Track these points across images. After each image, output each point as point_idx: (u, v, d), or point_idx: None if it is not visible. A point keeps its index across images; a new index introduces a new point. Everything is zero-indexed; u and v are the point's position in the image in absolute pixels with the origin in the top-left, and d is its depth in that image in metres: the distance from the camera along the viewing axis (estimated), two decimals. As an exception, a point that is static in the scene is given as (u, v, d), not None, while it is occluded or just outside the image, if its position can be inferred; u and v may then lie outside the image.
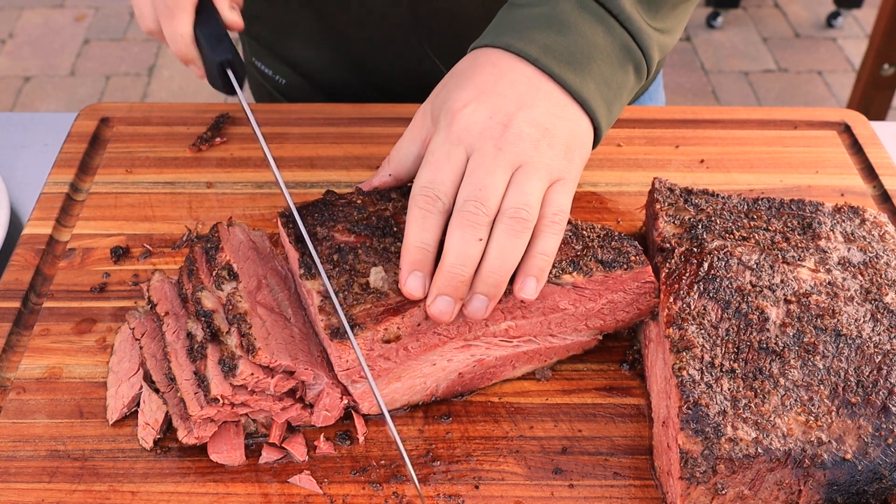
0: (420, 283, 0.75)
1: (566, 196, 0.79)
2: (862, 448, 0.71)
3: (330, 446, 0.81)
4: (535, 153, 0.77)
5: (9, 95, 3.27)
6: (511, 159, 0.76)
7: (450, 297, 0.74)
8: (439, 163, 0.77)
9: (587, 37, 0.81)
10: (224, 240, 0.85)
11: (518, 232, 0.74)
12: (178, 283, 0.85)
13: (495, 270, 0.74)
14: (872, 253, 0.85)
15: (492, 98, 0.78)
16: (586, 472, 0.80)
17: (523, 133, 0.77)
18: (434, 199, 0.75)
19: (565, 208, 0.78)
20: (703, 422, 0.71)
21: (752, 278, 0.82)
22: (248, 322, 0.77)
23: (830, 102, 3.33)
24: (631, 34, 0.83)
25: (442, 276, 0.74)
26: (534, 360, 0.86)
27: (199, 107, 1.18)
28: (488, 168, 0.75)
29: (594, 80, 0.81)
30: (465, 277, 0.74)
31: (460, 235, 0.74)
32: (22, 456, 0.80)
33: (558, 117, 0.79)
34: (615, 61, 0.83)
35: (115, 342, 0.87)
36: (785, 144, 1.14)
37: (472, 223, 0.74)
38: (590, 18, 0.82)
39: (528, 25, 0.81)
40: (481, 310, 0.76)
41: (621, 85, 0.84)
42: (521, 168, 0.76)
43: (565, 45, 0.80)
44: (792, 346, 0.77)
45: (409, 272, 0.75)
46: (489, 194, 0.74)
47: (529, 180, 0.76)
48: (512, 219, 0.74)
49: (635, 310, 0.86)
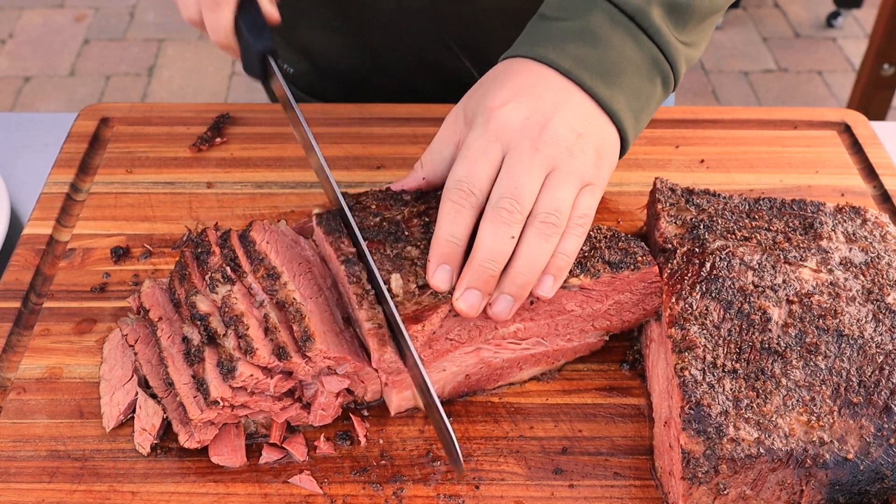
0: (447, 276, 0.76)
1: (593, 201, 0.80)
2: (864, 448, 0.71)
3: (330, 446, 0.81)
4: (569, 158, 0.78)
5: (9, 95, 3.27)
6: (546, 161, 0.77)
7: (479, 292, 0.75)
8: (475, 158, 0.78)
9: (618, 50, 0.83)
10: (228, 240, 0.85)
11: (548, 236, 0.76)
12: (170, 288, 0.85)
13: (524, 272, 0.75)
14: (874, 253, 0.85)
15: (530, 99, 0.80)
16: (586, 473, 0.79)
17: (559, 135, 0.78)
18: (468, 194, 0.76)
19: (590, 212, 0.80)
20: (705, 422, 0.71)
21: (754, 278, 0.82)
22: (245, 323, 0.77)
23: (830, 102, 3.33)
24: (660, 47, 0.85)
25: (472, 269, 0.75)
26: (541, 362, 0.86)
27: (199, 107, 1.18)
28: (525, 166, 0.76)
29: (623, 92, 0.83)
30: (494, 273, 0.75)
31: (493, 231, 0.75)
32: (22, 456, 0.80)
33: (590, 125, 0.81)
34: (644, 74, 0.85)
35: (105, 350, 0.86)
36: (785, 144, 1.14)
37: (505, 220, 0.75)
38: (621, 32, 0.83)
39: (561, 38, 0.83)
40: (506, 310, 0.77)
41: (649, 96, 0.86)
42: (554, 171, 0.78)
43: (597, 58, 0.82)
44: (794, 346, 0.77)
45: (438, 265, 0.76)
46: (524, 192, 0.76)
47: (562, 186, 0.77)
48: (544, 223, 0.76)
49: (641, 310, 0.86)
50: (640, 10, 0.84)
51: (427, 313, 0.76)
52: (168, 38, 3.58)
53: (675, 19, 0.86)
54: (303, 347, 0.76)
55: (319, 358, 0.77)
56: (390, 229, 0.82)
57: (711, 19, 0.91)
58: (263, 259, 0.82)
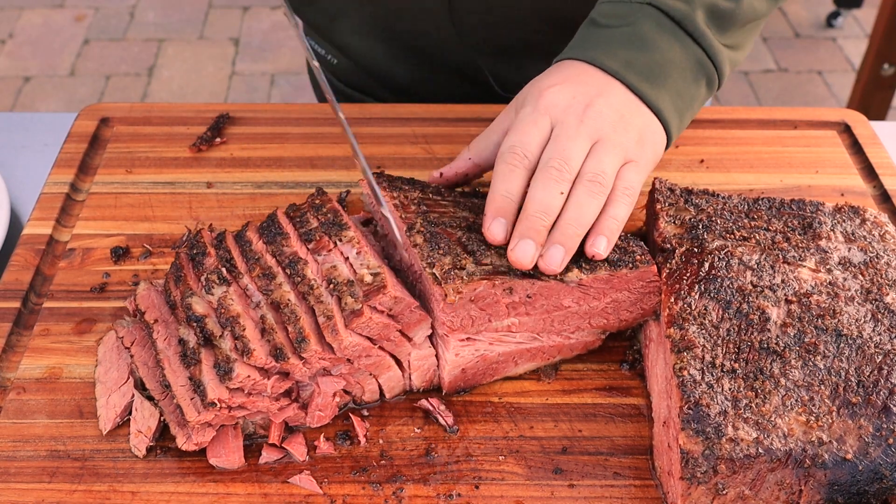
0: (502, 227, 0.81)
1: (638, 176, 0.86)
2: (863, 448, 0.71)
3: (330, 446, 0.81)
4: (613, 132, 0.85)
5: (9, 95, 3.27)
6: (591, 132, 0.84)
7: (532, 241, 0.79)
8: (526, 127, 0.85)
9: (665, 53, 0.89)
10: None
11: (595, 193, 0.81)
12: (165, 290, 0.85)
13: (573, 222, 0.80)
14: (873, 253, 0.85)
15: (575, 84, 0.87)
16: (586, 472, 0.79)
17: (603, 112, 0.85)
18: (521, 157, 0.83)
19: (635, 185, 0.85)
20: (703, 422, 0.71)
21: (752, 278, 0.82)
22: (241, 324, 0.77)
23: (830, 102, 3.32)
24: (704, 50, 0.91)
25: (524, 221, 0.80)
26: (537, 357, 0.86)
27: (199, 107, 1.18)
28: (570, 135, 0.83)
29: (668, 91, 0.89)
30: (545, 223, 0.80)
31: (543, 186, 0.81)
32: (22, 456, 0.80)
33: (632, 112, 0.87)
34: (689, 75, 0.91)
35: (100, 352, 0.86)
36: (785, 144, 1.14)
37: (554, 178, 0.81)
38: (667, 36, 0.90)
39: (610, 42, 0.90)
40: (557, 260, 0.80)
41: (694, 97, 0.92)
42: (599, 142, 0.84)
43: (644, 61, 0.89)
44: (793, 346, 0.77)
45: (493, 218, 0.81)
46: (571, 155, 0.82)
47: (607, 153, 0.83)
48: (591, 181, 0.82)
49: (639, 309, 0.86)
50: (686, 16, 0.90)
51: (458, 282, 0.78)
52: (168, 38, 3.58)
53: (718, 24, 0.92)
54: (298, 349, 0.76)
55: (315, 359, 0.77)
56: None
57: (754, 23, 0.96)
58: (259, 259, 0.82)
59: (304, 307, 0.79)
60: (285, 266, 0.82)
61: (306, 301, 0.79)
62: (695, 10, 0.90)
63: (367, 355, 0.79)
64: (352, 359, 0.79)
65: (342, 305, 0.77)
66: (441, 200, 0.89)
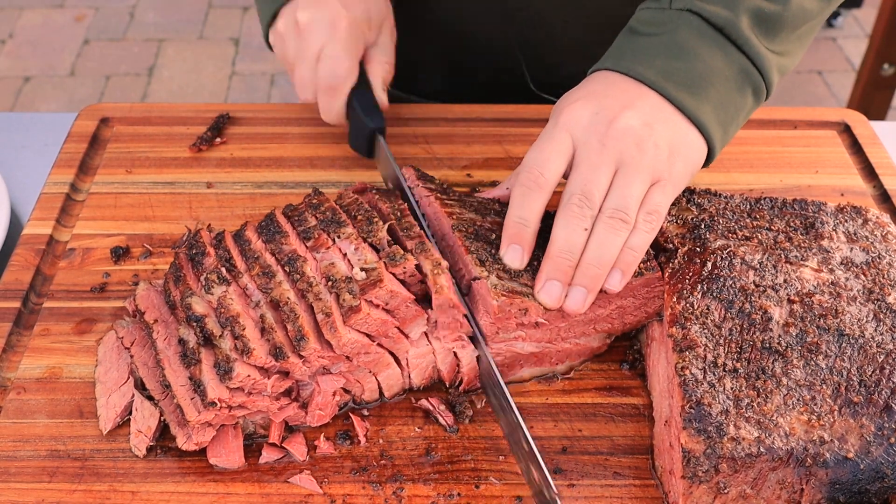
0: (518, 255, 0.81)
1: (664, 197, 0.81)
2: (864, 447, 0.71)
3: (330, 446, 0.81)
4: (638, 153, 0.80)
5: (9, 95, 3.27)
6: (614, 156, 0.80)
7: (559, 283, 0.79)
8: (543, 145, 0.82)
9: (706, 62, 0.84)
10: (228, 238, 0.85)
11: (617, 231, 0.79)
12: (165, 290, 0.85)
13: (594, 263, 0.79)
14: (875, 253, 0.85)
15: (598, 99, 0.83)
16: (586, 472, 0.79)
17: (628, 128, 0.80)
18: (537, 176, 0.80)
19: (661, 209, 0.81)
20: (705, 421, 0.71)
21: (755, 278, 0.82)
22: (241, 324, 0.77)
23: (830, 102, 3.32)
24: (749, 58, 0.85)
25: (550, 261, 0.79)
26: (543, 362, 0.86)
27: (199, 107, 1.18)
28: (593, 164, 0.80)
29: (711, 102, 0.84)
30: (571, 263, 0.79)
31: (565, 225, 0.79)
32: (22, 456, 0.80)
33: (663, 122, 0.82)
34: (733, 85, 0.85)
35: (100, 353, 0.86)
36: (785, 144, 1.14)
37: (577, 216, 0.79)
38: (709, 44, 0.84)
39: (648, 51, 0.85)
40: (580, 302, 0.79)
41: (739, 107, 0.87)
42: (622, 168, 0.80)
43: (684, 70, 0.84)
44: (795, 345, 0.77)
45: (508, 245, 0.81)
46: (593, 189, 0.79)
47: (631, 183, 0.79)
48: (612, 218, 0.79)
49: (644, 313, 0.86)
50: (728, 22, 0.84)
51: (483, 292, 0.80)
52: (168, 38, 3.58)
53: (765, 29, 0.86)
54: (297, 347, 0.76)
55: (314, 357, 0.77)
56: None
57: (807, 28, 0.90)
58: (258, 258, 0.82)
59: (303, 305, 0.79)
60: (284, 264, 0.81)
61: (305, 299, 0.79)
62: (738, 16, 0.84)
63: (366, 352, 0.79)
64: (351, 356, 0.79)
65: (340, 302, 0.77)
66: (447, 200, 0.89)
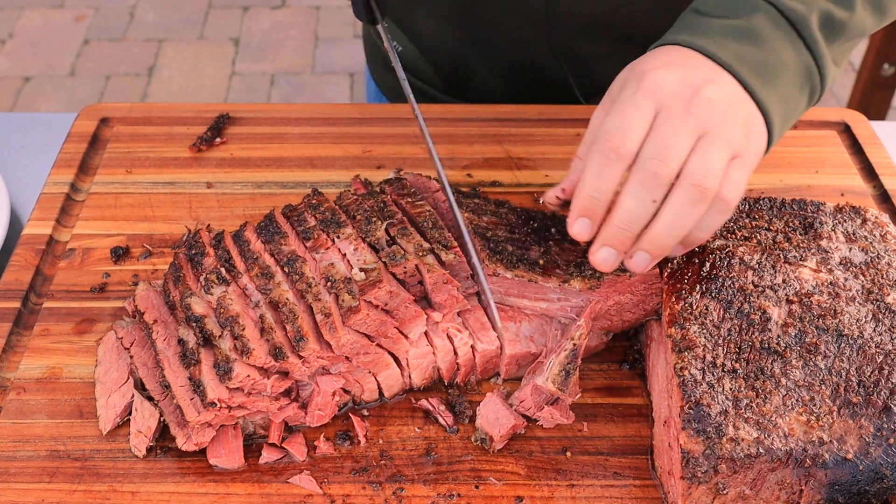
0: (587, 228, 0.77)
1: (743, 174, 0.78)
2: (863, 448, 0.71)
3: (330, 446, 0.81)
4: (722, 123, 0.77)
5: (9, 95, 3.27)
6: (698, 124, 0.76)
7: (614, 250, 0.76)
8: (627, 111, 0.76)
9: (778, 53, 0.82)
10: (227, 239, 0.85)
11: (697, 202, 0.74)
12: (165, 290, 0.85)
13: (664, 234, 0.75)
14: (874, 253, 0.85)
15: (683, 68, 0.79)
16: (586, 472, 0.79)
17: (712, 101, 0.77)
18: (617, 146, 0.75)
19: (741, 186, 0.78)
20: (704, 421, 0.71)
21: (754, 278, 0.82)
22: (240, 324, 0.77)
23: (830, 102, 3.32)
24: (815, 58, 0.84)
25: (609, 229, 0.76)
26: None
27: (199, 107, 1.18)
28: (675, 127, 0.75)
29: (777, 94, 0.82)
30: (631, 234, 0.75)
31: (635, 193, 0.74)
32: (22, 456, 0.80)
33: (741, 102, 0.80)
34: (797, 81, 0.84)
35: (99, 353, 0.86)
36: (785, 144, 1.14)
37: (649, 183, 0.74)
38: (781, 36, 0.83)
39: (719, 32, 0.82)
40: (643, 265, 0.77)
41: (797, 105, 0.85)
42: (706, 136, 0.76)
43: (758, 57, 0.81)
44: (794, 346, 0.77)
45: (578, 216, 0.77)
46: (672, 154, 0.74)
47: (715, 149, 0.75)
48: (694, 185, 0.74)
49: (642, 310, 0.86)
50: (802, 18, 0.83)
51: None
52: (168, 38, 3.58)
53: (829, 33, 0.86)
54: (296, 347, 0.76)
55: (313, 357, 0.77)
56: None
57: (856, 40, 0.91)
58: (258, 258, 0.82)
59: (302, 306, 0.79)
60: (283, 265, 0.82)
61: (304, 299, 0.79)
62: (811, 13, 0.84)
63: (366, 353, 0.79)
64: (350, 356, 0.79)
65: (339, 303, 0.77)
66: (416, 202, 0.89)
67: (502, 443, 0.80)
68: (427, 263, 0.80)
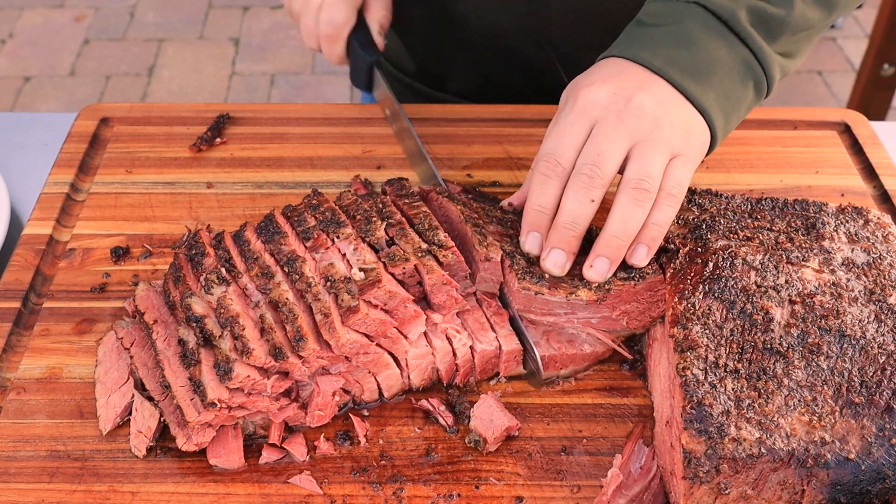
0: (537, 241, 0.84)
1: (685, 171, 0.83)
2: (865, 448, 0.71)
3: (330, 446, 0.80)
4: (656, 128, 0.82)
5: (9, 95, 3.27)
6: (631, 131, 0.81)
7: (563, 252, 0.82)
8: (562, 131, 0.83)
9: (711, 51, 0.86)
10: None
11: (640, 202, 0.80)
12: (165, 290, 0.85)
13: (617, 235, 0.81)
14: (876, 254, 0.85)
15: (615, 81, 0.84)
16: (586, 473, 0.79)
17: (645, 108, 0.82)
18: (555, 165, 0.82)
19: (683, 182, 0.83)
20: (706, 421, 0.71)
21: (756, 278, 0.82)
22: (240, 324, 0.77)
23: (830, 102, 3.32)
24: (752, 51, 0.87)
25: (555, 231, 0.82)
26: (548, 368, 0.86)
27: (199, 107, 1.18)
28: (609, 136, 0.81)
29: (714, 90, 0.86)
30: (576, 233, 0.81)
31: (574, 196, 0.81)
32: (22, 456, 0.79)
33: (675, 105, 0.84)
34: (736, 76, 0.87)
35: (99, 353, 0.86)
36: (785, 144, 1.14)
37: (585, 185, 0.80)
38: (713, 35, 0.87)
39: (655, 40, 0.87)
40: (603, 272, 0.82)
41: (740, 99, 0.88)
42: (641, 142, 0.81)
43: (689, 59, 0.86)
44: (796, 346, 0.77)
45: (528, 232, 0.84)
46: (606, 160, 0.80)
47: (651, 154, 0.81)
48: (635, 189, 0.80)
49: (648, 318, 0.86)
50: (730, 13, 0.87)
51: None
52: (168, 38, 3.58)
53: (767, 29, 0.88)
54: (296, 347, 0.76)
55: (313, 357, 0.77)
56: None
57: (806, 34, 0.92)
58: (258, 258, 0.82)
59: (302, 305, 0.79)
60: (283, 265, 0.81)
61: (304, 299, 0.79)
62: (738, 8, 0.87)
63: (365, 353, 0.79)
64: (350, 356, 0.79)
65: (339, 303, 0.77)
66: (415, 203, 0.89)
67: (496, 445, 0.80)
68: (426, 264, 0.80)
